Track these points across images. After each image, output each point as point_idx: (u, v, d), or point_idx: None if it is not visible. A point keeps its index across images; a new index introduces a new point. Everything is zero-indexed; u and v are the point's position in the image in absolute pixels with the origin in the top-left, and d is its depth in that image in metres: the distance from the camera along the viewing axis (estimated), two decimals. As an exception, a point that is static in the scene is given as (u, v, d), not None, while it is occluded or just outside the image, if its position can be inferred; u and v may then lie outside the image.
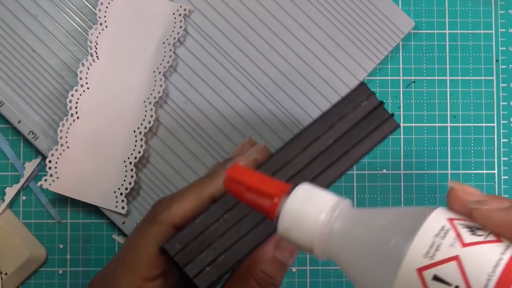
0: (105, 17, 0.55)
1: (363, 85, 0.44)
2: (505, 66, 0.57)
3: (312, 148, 0.43)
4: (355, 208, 0.35)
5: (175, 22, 0.55)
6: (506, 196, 0.56)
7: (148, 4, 0.55)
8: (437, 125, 0.56)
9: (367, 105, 0.43)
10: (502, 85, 0.57)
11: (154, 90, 0.54)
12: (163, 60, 0.54)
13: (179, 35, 0.55)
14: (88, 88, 0.54)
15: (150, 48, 0.55)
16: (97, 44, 0.54)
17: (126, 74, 0.54)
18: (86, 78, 0.54)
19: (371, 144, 0.43)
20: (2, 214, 0.54)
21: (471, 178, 0.56)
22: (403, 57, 0.57)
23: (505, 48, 0.57)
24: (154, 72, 0.54)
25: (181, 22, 0.55)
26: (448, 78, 0.57)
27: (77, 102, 0.54)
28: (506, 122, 0.57)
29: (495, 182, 0.56)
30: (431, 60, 0.57)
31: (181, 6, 0.55)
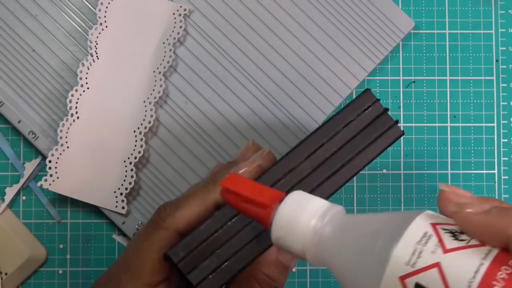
0: (105, 17, 0.55)
1: (368, 91, 0.43)
2: (505, 66, 0.57)
3: (316, 155, 0.43)
4: (348, 214, 0.35)
5: (175, 22, 0.55)
6: (506, 196, 0.56)
7: (148, 4, 0.55)
8: (437, 125, 0.56)
9: (372, 111, 0.43)
10: (502, 85, 0.57)
11: (154, 90, 0.54)
12: (163, 60, 0.54)
13: (179, 35, 0.55)
14: (88, 88, 0.54)
15: (150, 48, 0.55)
16: (97, 44, 0.54)
17: (126, 74, 0.54)
18: (86, 78, 0.54)
19: (376, 151, 0.43)
20: (2, 214, 0.54)
21: (471, 178, 0.56)
22: (403, 57, 0.57)
23: (505, 48, 0.57)
24: (154, 72, 0.54)
25: (181, 22, 0.55)
26: (448, 78, 0.57)
27: (77, 102, 0.54)
28: (506, 122, 0.56)
29: (495, 182, 0.56)
30: (431, 60, 0.57)
31: (181, 6, 0.55)
